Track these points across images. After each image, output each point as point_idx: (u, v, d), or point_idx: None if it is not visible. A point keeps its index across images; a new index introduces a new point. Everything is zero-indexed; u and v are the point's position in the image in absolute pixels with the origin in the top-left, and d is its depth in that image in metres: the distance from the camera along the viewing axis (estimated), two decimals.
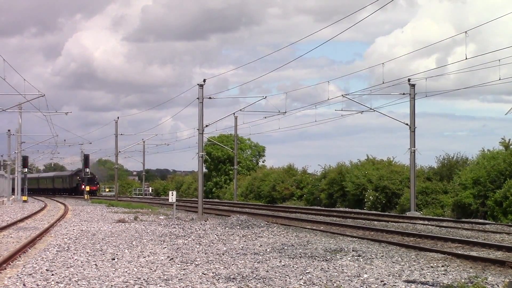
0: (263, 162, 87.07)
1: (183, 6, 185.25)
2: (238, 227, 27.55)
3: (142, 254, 18.11)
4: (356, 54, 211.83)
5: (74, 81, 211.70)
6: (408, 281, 13.63)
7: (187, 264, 15.97)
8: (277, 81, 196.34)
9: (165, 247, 19.85)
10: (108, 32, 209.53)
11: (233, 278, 13.77)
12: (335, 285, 13.18)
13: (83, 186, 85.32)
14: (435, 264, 16.34)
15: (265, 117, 48.65)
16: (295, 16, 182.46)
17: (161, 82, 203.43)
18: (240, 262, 16.44)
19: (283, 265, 15.88)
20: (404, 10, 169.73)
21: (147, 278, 13.73)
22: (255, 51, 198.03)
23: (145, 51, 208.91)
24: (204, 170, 77.77)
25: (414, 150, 40.07)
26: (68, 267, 15.31)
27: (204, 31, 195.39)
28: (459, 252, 18.84)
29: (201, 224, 29.92)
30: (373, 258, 17.31)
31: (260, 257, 17.51)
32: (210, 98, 38.88)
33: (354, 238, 23.29)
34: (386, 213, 42.31)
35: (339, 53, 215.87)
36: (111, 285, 12.92)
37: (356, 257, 17.48)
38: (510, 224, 30.43)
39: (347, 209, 46.61)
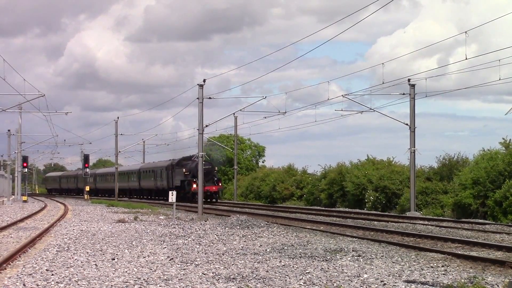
0: (263, 162, 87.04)
1: (186, 6, 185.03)
2: (238, 227, 27.55)
3: (142, 254, 18.12)
4: (358, 54, 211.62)
5: (76, 81, 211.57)
6: (408, 281, 13.63)
7: (187, 264, 15.98)
8: (279, 81, 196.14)
9: (165, 247, 19.85)
10: (111, 32, 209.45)
11: (233, 278, 13.78)
12: (335, 285, 13.18)
13: (194, 185, 58.38)
14: (435, 264, 16.34)
15: (265, 117, 48.65)
16: (298, 17, 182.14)
17: (163, 82, 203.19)
18: (240, 262, 16.44)
19: (283, 265, 15.88)
20: (407, 11, 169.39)
21: (147, 278, 13.73)
22: (257, 52, 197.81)
23: (147, 51, 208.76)
24: None
25: (414, 150, 40.07)
26: (68, 267, 15.32)
27: (207, 32, 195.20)
28: (459, 252, 18.83)
29: (201, 224, 29.91)
30: (373, 258, 17.31)
31: (260, 257, 17.51)
32: (210, 98, 38.95)
33: (354, 238, 23.28)
34: (386, 213, 42.30)
35: (341, 53, 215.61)
36: (111, 285, 12.92)
37: (356, 257, 17.48)
38: (510, 224, 30.43)
39: (347, 209, 46.59)
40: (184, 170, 62.57)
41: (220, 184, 62.31)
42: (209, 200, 59.89)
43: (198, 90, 37.23)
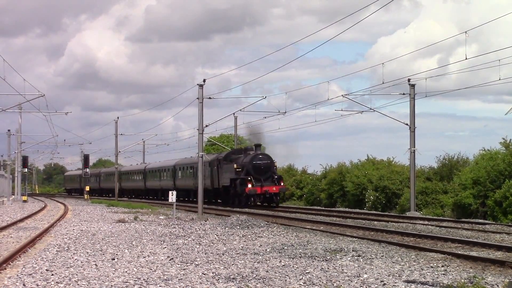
0: None
1: (186, 6, 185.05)
2: (238, 227, 27.55)
3: (142, 254, 18.12)
4: (358, 54, 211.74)
5: (76, 81, 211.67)
6: (408, 281, 13.63)
7: (187, 264, 15.98)
8: (279, 81, 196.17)
9: (165, 247, 19.85)
10: (111, 32, 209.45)
11: (233, 278, 13.78)
12: (335, 285, 13.18)
13: (249, 185, 47.59)
14: (435, 264, 16.34)
15: (265, 117, 48.49)
16: (298, 17, 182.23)
17: (164, 82, 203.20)
18: (240, 262, 16.44)
19: (283, 265, 15.88)
20: (408, 11, 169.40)
21: (147, 278, 13.73)
22: (258, 52, 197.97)
23: (148, 51, 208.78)
24: None
25: (414, 150, 40.05)
26: (68, 267, 15.32)
27: (208, 32, 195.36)
28: (459, 252, 18.83)
29: (201, 224, 29.92)
30: (373, 258, 17.31)
31: (260, 257, 17.51)
32: (210, 98, 38.99)
33: (354, 238, 23.28)
34: (386, 213, 42.29)
35: (342, 53, 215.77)
36: (111, 285, 12.92)
37: (356, 257, 17.48)
38: (510, 224, 30.41)
39: (347, 209, 46.57)
40: (235, 165, 50.18)
41: (282, 184, 49.55)
42: (266, 204, 48.64)
43: (198, 90, 37.28)
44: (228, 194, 51.49)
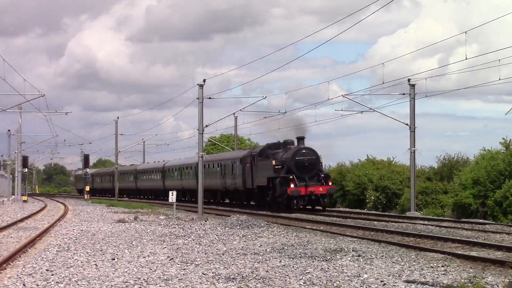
0: None
1: (187, 6, 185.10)
2: (238, 227, 27.56)
3: (142, 254, 18.12)
4: (359, 54, 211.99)
5: (77, 81, 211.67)
6: (408, 281, 13.63)
7: (187, 264, 15.98)
8: (279, 81, 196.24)
9: (165, 247, 19.85)
10: (112, 32, 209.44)
11: (233, 278, 13.78)
12: (335, 285, 13.19)
13: (292, 185, 40.53)
14: (435, 264, 16.34)
15: (265, 117, 48.38)
16: (299, 17, 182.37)
17: (164, 82, 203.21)
18: (240, 262, 16.44)
19: (283, 265, 15.88)
20: (408, 11, 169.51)
21: (147, 278, 13.73)
22: (258, 52, 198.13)
23: (148, 52, 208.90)
24: None
25: (414, 150, 40.05)
26: (68, 267, 15.32)
27: (208, 32, 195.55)
28: (459, 252, 18.83)
29: (201, 224, 29.92)
30: (373, 258, 17.31)
31: (260, 257, 17.51)
32: (210, 98, 38.99)
33: (354, 238, 23.28)
34: (386, 213, 42.28)
35: (342, 53, 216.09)
36: (111, 285, 12.93)
37: (356, 257, 17.48)
38: (510, 224, 30.41)
39: (347, 209, 46.53)
40: (273, 162, 42.62)
41: (330, 183, 42.13)
42: (310, 207, 42.47)
43: (198, 90, 37.31)
44: (264, 196, 44.37)
